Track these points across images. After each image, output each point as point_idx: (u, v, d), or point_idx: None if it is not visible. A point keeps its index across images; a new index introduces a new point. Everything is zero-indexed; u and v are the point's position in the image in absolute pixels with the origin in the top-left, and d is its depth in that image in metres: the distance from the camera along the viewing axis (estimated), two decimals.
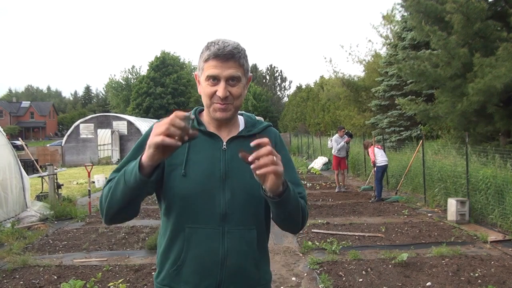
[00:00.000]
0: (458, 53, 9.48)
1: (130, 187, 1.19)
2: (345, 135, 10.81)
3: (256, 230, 1.38)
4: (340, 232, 6.35)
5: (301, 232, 6.44)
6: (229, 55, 1.30)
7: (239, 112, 1.49)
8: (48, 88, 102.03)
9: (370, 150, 9.44)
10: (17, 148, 16.19)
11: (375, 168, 9.36)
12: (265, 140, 1.11)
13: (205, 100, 1.37)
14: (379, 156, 9.27)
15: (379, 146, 9.70)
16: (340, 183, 10.83)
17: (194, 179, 1.32)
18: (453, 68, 9.72)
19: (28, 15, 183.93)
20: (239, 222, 1.33)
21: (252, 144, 1.11)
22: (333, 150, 10.84)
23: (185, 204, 1.32)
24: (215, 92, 1.32)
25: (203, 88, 1.35)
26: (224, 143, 1.39)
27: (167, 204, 1.37)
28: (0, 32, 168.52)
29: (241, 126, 1.47)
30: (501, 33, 9.50)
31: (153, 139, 1.09)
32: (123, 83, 60.94)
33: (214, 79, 1.32)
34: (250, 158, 1.10)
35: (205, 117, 1.45)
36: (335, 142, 10.69)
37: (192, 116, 1.13)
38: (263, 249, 1.43)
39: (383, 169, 9.33)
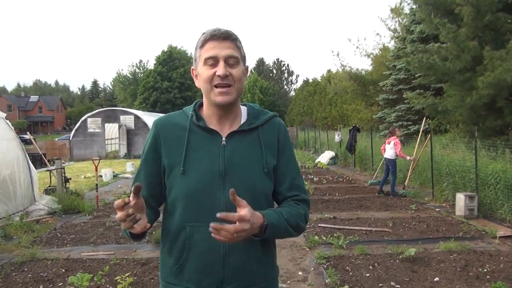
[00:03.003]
0: (468, 46, 9.36)
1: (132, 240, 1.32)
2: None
3: None
4: (347, 227, 6.33)
5: (308, 226, 6.42)
6: (225, 34, 1.30)
7: (243, 103, 1.46)
8: (56, 83, 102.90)
9: (395, 140, 8.73)
10: (26, 142, 16.31)
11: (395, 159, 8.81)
12: (234, 215, 1.13)
13: (204, 87, 1.32)
14: (392, 149, 8.88)
15: (388, 142, 9.26)
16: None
17: (194, 177, 1.30)
18: (462, 62, 9.62)
19: (37, 10, 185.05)
20: None
21: (218, 216, 1.11)
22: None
23: (185, 202, 1.31)
24: (214, 73, 1.29)
25: (202, 74, 1.32)
26: (224, 139, 1.35)
27: (168, 203, 1.37)
28: (9, 27, 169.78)
29: (244, 118, 1.41)
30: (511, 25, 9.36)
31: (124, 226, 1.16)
32: (130, 77, 61.17)
33: (213, 61, 1.29)
34: (212, 227, 1.11)
35: (205, 111, 1.40)
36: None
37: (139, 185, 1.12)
38: (267, 244, 1.39)
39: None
